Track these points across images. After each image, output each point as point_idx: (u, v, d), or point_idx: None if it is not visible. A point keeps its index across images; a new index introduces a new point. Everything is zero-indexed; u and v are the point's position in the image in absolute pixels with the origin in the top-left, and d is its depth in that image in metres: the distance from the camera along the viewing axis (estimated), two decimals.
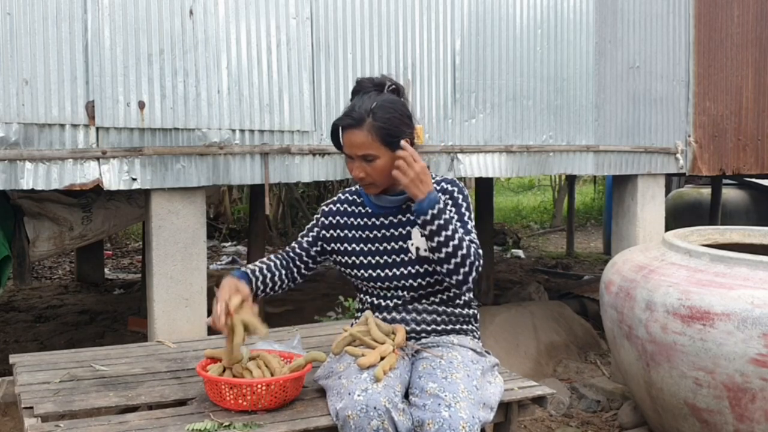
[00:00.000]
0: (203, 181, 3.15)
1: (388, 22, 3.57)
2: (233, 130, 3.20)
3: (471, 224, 2.27)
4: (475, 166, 3.83)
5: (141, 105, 3.00)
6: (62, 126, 2.88)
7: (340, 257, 2.39)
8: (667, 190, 8.56)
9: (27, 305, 6.05)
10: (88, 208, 4.01)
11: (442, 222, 2.10)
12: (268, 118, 3.28)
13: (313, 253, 2.43)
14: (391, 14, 3.58)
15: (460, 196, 2.28)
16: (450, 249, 2.11)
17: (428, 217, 2.10)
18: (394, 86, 2.27)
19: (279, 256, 2.43)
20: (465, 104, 3.81)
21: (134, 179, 3.01)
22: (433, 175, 2.33)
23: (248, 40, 3.22)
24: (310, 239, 2.43)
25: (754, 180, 8.10)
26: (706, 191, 8.00)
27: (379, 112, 2.16)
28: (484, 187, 6.13)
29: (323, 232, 2.42)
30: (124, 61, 2.97)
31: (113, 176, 2.97)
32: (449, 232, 2.11)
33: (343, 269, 2.41)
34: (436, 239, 2.11)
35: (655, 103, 4.45)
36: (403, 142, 2.14)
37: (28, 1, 2.79)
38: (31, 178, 2.83)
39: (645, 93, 4.42)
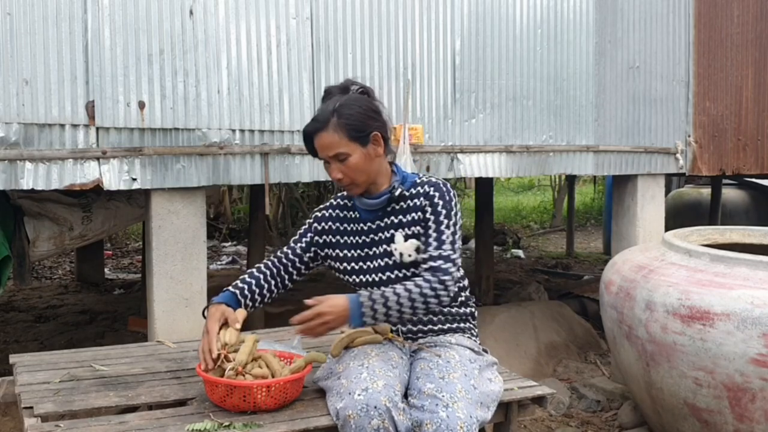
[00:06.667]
0: (203, 181, 3.15)
1: (388, 22, 3.57)
2: (233, 130, 3.20)
3: (446, 234, 2.19)
4: (475, 166, 3.83)
5: (141, 105, 3.00)
6: (62, 126, 2.88)
7: (333, 262, 2.41)
8: (667, 190, 8.56)
9: (27, 305, 6.05)
10: (88, 208, 4.01)
11: (382, 310, 2.13)
12: (268, 118, 3.28)
13: (306, 259, 2.43)
14: (391, 14, 3.58)
15: (441, 202, 2.21)
16: (408, 312, 2.16)
17: (370, 320, 2.14)
18: (361, 89, 2.26)
19: (270, 262, 2.41)
20: (465, 104, 3.81)
21: (134, 179, 3.01)
22: (420, 176, 2.32)
23: (248, 40, 3.22)
24: (304, 245, 2.43)
25: (754, 180, 8.09)
26: (706, 191, 8.00)
27: (342, 110, 2.16)
28: (484, 187, 6.12)
29: (316, 237, 2.42)
30: (124, 61, 2.97)
31: (113, 176, 2.97)
32: (394, 310, 2.14)
33: (337, 273, 2.43)
34: (391, 320, 2.18)
35: (655, 103, 4.45)
36: (308, 301, 2.13)
37: (28, 1, 2.79)
38: (31, 178, 2.83)
39: (645, 93, 4.42)
